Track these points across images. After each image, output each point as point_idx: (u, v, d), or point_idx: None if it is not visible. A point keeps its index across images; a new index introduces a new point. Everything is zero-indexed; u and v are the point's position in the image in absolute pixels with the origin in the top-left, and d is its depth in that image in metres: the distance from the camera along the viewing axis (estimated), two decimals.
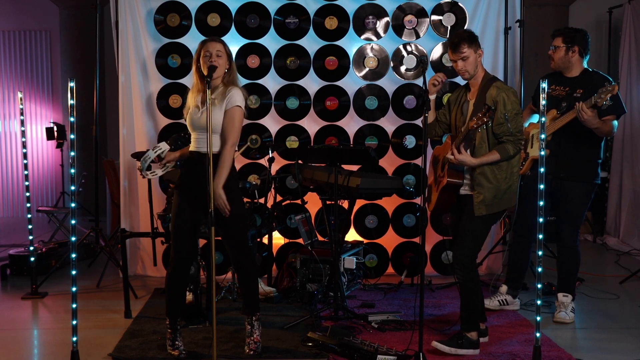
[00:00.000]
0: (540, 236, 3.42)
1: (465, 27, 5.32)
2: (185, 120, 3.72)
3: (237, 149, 3.79)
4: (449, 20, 5.37)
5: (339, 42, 5.42)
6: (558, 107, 4.27)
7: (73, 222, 3.35)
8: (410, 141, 5.41)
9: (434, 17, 5.39)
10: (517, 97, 3.71)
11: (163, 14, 5.37)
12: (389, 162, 5.46)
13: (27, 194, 5.17)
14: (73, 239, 3.32)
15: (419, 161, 5.37)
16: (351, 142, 5.41)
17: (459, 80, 5.04)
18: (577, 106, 4.09)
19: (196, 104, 3.64)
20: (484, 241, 3.89)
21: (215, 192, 3.42)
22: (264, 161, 5.31)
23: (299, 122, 5.46)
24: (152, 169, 3.73)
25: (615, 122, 4.26)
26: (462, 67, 3.76)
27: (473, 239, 3.72)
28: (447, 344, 3.71)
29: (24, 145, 5.14)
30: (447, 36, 5.29)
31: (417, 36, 5.40)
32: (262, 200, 5.01)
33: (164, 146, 3.70)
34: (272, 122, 5.48)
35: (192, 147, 3.67)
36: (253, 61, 5.40)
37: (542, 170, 3.40)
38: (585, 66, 4.36)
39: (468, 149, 3.66)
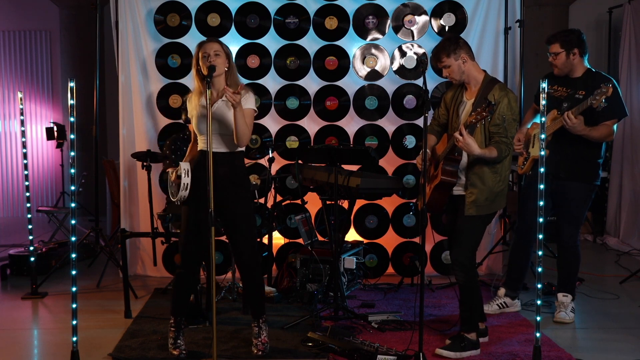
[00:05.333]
0: (540, 236, 3.41)
1: (465, 27, 5.33)
2: (192, 125, 3.68)
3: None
4: (449, 20, 5.37)
5: (339, 42, 5.41)
6: (559, 107, 4.25)
7: (73, 222, 3.35)
8: (410, 141, 5.41)
9: (434, 17, 5.39)
10: (517, 104, 3.69)
11: (163, 14, 5.38)
12: (389, 162, 5.46)
13: (27, 194, 5.17)
14: (73, 239, 3.32)
15: None
16: (351, 142, 5.41)
17: None
18: (564, 116, 4.07)
19: (202, 104, 3.62)
20: (480, 241, 3.87)
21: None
22: (264, 161, 5.30)
23: (299, 122, 5.46)
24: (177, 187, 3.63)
25: (614, 127, 4.24)
26: (446, 75, 3.80)
27: (468, 239, 3.72)
28: (450, 349, 3.69)
29: (24, 145, 5.14)
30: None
31: (417, 36, 5.40)
32: (262, 200, 5.01)
33: (185, 165, 3.59)
34: (272, 122, 5.48)
35: (201, 146, 3.67)
36: (253, 61, 5.39)
37: (542, 170, 3.40)
38: (588, 65, 4.34)
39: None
